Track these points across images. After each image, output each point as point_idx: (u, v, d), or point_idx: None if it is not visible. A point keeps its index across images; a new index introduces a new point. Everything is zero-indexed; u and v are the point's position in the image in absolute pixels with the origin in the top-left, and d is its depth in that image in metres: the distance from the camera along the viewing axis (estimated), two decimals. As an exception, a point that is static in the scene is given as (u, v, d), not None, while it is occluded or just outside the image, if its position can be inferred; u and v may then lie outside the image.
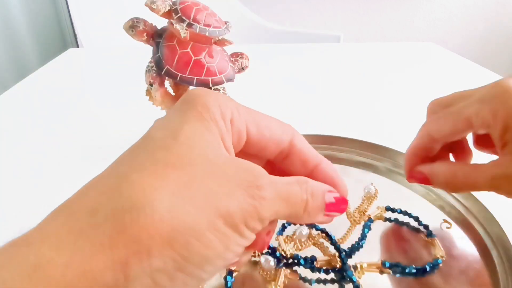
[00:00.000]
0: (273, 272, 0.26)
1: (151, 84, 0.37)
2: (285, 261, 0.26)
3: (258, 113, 0.19)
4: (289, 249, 0.27)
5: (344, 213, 0.32)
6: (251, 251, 0.19)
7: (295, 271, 0.26)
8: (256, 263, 0.27)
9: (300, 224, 0.29)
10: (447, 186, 0.26)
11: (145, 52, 0.40)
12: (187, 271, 0.14)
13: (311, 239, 0.29)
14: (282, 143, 0.19)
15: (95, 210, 0.13)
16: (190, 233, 0.13)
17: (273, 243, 0.28)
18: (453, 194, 0.34)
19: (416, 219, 0.31)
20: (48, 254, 0.12)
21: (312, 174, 0.19)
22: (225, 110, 0.17)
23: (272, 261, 0.26)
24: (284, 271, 0.26)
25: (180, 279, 0.13)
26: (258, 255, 0.27)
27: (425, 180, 0.27)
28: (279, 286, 0.25)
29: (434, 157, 0.28)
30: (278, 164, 0.20)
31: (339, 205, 0.19)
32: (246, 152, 0.18)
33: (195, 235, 0.13)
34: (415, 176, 0.28)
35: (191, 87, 0.40)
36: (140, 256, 0.12)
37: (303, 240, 0.29)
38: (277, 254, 0.27)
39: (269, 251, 0.27)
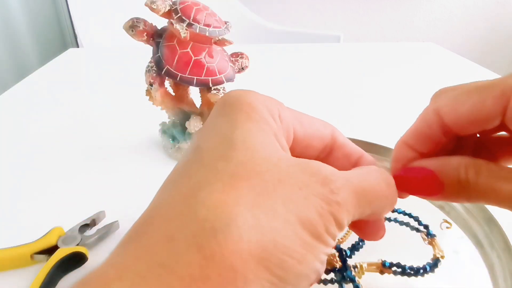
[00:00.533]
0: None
1: (151, 84, 0.37)
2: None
3: (298, 111, 0.18)
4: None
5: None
6: None
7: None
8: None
9: None
10: (464, 189, 0.16)
11: (145, 52, 0.40)
12: None
13: (311, 239, 0.29)
14: (325, 138, 0.18)
15: (172, 238, 0.11)
16: (281, 250, 0.12)
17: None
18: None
19: (416, 219, 0.31)
20: None
21: (355, 167, 0.19)
22: (272, 108, 0.16)
23: None
24: None
25: None
26: None
27: (428, 179, 0.17)
28: None
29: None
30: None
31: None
32: (292, 151, 0.17)
33: (287, 252, 0.12)
34: (410, 173, 0.18)
35: (191, 87, 0.40)
36: (236, 284, 0.11)
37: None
38: None
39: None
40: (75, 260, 0.29)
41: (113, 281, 0.11)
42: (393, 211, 0.32)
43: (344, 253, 0.27)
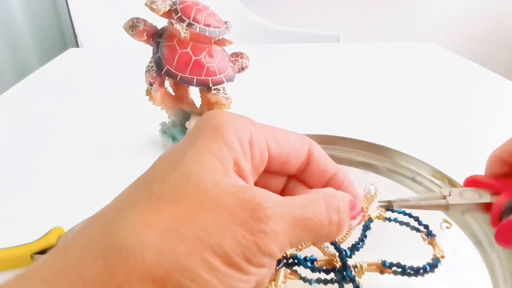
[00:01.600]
0: (273, 272, 0.26)
1: (151, 84, 0.37)
2: (285, 261, 0.26)
3: (275, 128, 0.18)
4: (289, 250, 0.27)
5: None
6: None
7: (295, 271, 0.26)
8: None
9: None
10: None
11: (145, 52, 0.40)
12: None
13: (311, 239, 0.29)
14: (301, 155, 0.18)
15: (88, 246, 0.13)
16: (183, 274, 0.12)
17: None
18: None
19: (416, 219, 0.31)
20: None
21: (329, 183, 0.19)
22: (242, 131, 0.16)
23: None
24: (284, 271, 0.26)
25: None
26: None
27: None
28: (279, 286, 0.25)
29: None
30: (297, 177, 0.20)
31: (359, 214, 0.18)
32: (267, 170, 0.18)
33: (189, 276, 0.12)
34: None
35: (191, 87, 0.40)
36: None
37: (303, 240, 0.29)
38: None
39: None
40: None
41: (33, 278, 0.12)
42: (393, 211, 0.32)
43: (344, 253, 0.27)
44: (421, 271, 0.26)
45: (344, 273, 0.25)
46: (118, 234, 0.13)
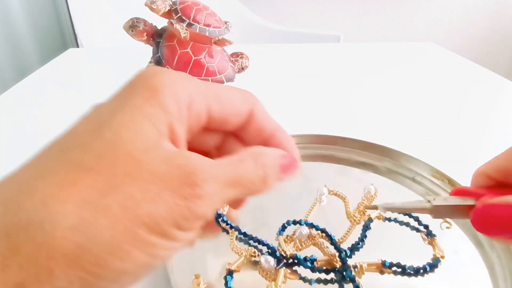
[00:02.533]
0: (273, 272, 0.26)
1: (151, 84, 0.37)
2: (285, 261, 0.26)
3: (218, 85, 0.17)
4: (289, 249, 0.27)
5: (344, 213, 0.32)
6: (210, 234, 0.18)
7: (295, 271, 0.26)
8: (256, 263, 0.27)
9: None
10: None
11: (145, 52, 0.40)
12: (99, 286, 0.12)
13: (311, 239, 0.29)
14: (242, 114, 0.18)
15: None
16: (101, 248, 0.12)
17: (273, 243, 0.28)
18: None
19: (416, 219, 0.31)
20: None
21: (268, 141, 0.19)
22: (182, 93, 0.15)
23: (272, 261, 0.26)
24: (284, 271, 0.26)
25: None
26: (258, 255, 0.27)
27: None
28: (279, 286, 0.25)
29: None
30: (235, 134, 0.19)
31: (292, 167, 0.18)
32: (207, 128, 0.17)
33: (108, 250, 0.12)
34: (494, 210, 0.16)
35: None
36: (38, 278, 0.11)
37: (303, 240, 0.29)
38: (277, 254, 0.27)
39: (269, 251, 0.27)
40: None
41: None
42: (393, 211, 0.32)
43: (344, 253, 0.27)
44: (421, 271, 0.26)
45: (344, 273, 0.25)
46: (25, 211, 0.11)
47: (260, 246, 0.28)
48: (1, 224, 0.11)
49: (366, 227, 0.30)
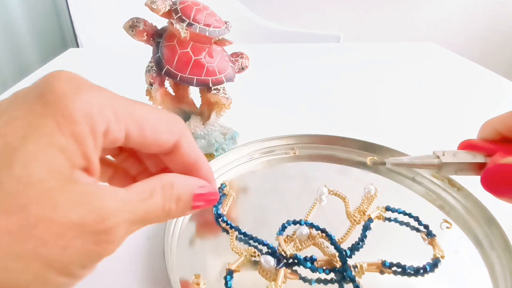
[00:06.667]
0: (273, 272, 0.26)
1: (151, 84, 0.37)
2: (285, 261, 0.26)
3: (144, 108, 0.16)
4: (289, 249, 0.27)
5: (344, 213, 0.32)
6: None
7: (295, 271, 0.26)
8: (256, 263, 0.27)
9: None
10: None
11: (145, 52, 0.40)
12: None
13: (311, 239, 0.29)
14: (166, 145, 0.17)
15: None
16: None
17: (273, 243, 0.28)
18: (453, 194, 0.34)
19: (416, 219, 0.31)
20: None
21: (188, 170, 0.19)
22: (99, 120, 0.14)
23: (272, 261, 0.26)
24: (284, 271, 0.26)
25: None
26: (258, 255, 0.27)
27: None
28: (279, 286, 0.25)
29: None
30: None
31: (209, 196, 0.18)
32: (121, 148, 0.17)
33: None
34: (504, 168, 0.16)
35: (191, 87, 0.40)
36: None
37: (303, 240, 0.29)
38: (277, 254, 0.27)
39: (269, 251, 0.27)
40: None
41: None
42: (393, 211, 0.32)
43: (344, 253, 0.27)
44: (421, 271, 0.26)
45: (344, 273, 0.25)
46: None
47: (260, 246, 0.28)
48: None
49: (366, 227, 0.30)
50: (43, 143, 0.13)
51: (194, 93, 0.41)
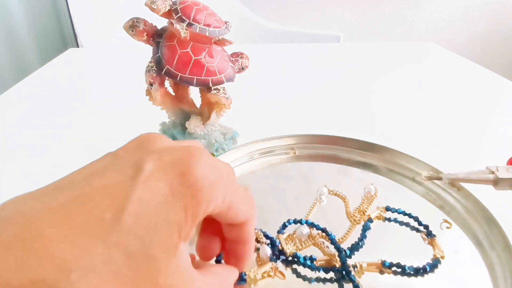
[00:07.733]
0: (266, 262, 0.26)
1: (151, 84, 0.37)
2: (284, 257, 0.26)
3: (236, 190, 0.17)
4: (289, 248, 0.27)
5: (344, 213, 0.32)
6: None
7: (295, 269, 0.26)
8: (257, 250, 0.27)
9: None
10: None
11: (145, 52, 0.40)
12: None
13: (311, 238, 0.29)
14: (238, 222, 0.19)
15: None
16: None
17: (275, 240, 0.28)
18: (453, 194, 0.34)
19: (416, 219, 0.31)
20: None
21: (237, 242, 0.20)
22: (214, 207, 0.16)
23: (268, 252, 0.26)
24: (274, 267, 0.26)
25: None
26: (262, 242, 0.27)
27: None
28: (259, 276, 0.25)
29: None
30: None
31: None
32: None
33: None
34: None
35: (191, 87, 0.40)
36: None
37: (303, 239, 0.29)
38: (276, 249, 0.27)
39: (270, 243, 0.27)
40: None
41: None
42: (393, 211, 0.32)
43: (344, 253, 0.27)
44: (421, 271, 0.26)
45: (344, 272, 0.25)
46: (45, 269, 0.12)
47: (264, 239, 0.28)
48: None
49: (366, 227, 0.30)
50: (166, 221, 0.14)
51: (194, 93, 0.41)
